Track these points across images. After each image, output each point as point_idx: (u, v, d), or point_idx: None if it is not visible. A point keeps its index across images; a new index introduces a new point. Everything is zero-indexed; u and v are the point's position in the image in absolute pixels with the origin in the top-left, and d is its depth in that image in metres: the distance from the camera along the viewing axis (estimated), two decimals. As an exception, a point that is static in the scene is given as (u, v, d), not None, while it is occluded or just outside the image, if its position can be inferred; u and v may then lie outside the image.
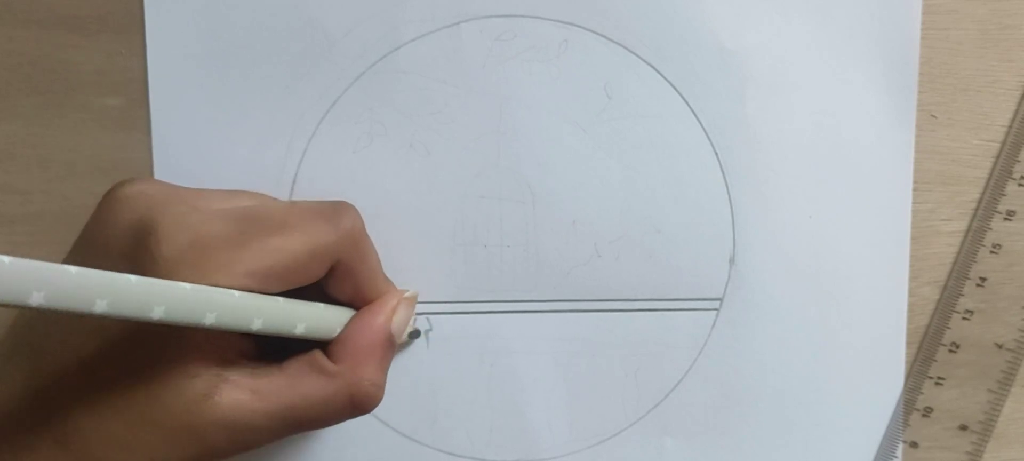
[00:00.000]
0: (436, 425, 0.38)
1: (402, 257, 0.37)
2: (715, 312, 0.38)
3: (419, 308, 0.38)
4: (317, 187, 0.37)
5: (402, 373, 0.38)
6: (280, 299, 0.30)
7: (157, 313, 0.25)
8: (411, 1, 0.37)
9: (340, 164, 0.37)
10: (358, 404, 0.31)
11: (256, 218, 0.30)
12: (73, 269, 0.24)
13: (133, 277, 0.25)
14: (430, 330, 0.38)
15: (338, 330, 0.32)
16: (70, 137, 0.37)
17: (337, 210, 0.32)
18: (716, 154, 0.38)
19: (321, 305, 0.32)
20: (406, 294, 0.35)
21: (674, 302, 0.38)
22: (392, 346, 0.33)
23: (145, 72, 0.37)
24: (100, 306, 0.24)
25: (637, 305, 0.38)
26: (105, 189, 0.37)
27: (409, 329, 0.37)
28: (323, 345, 0.32)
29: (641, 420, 0.39)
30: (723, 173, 0.38)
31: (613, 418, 0.39)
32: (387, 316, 0.33)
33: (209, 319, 0.27)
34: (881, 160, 0.38)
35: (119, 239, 0.29)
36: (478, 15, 0.37)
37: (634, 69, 0.37)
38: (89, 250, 0.30)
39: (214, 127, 0.37)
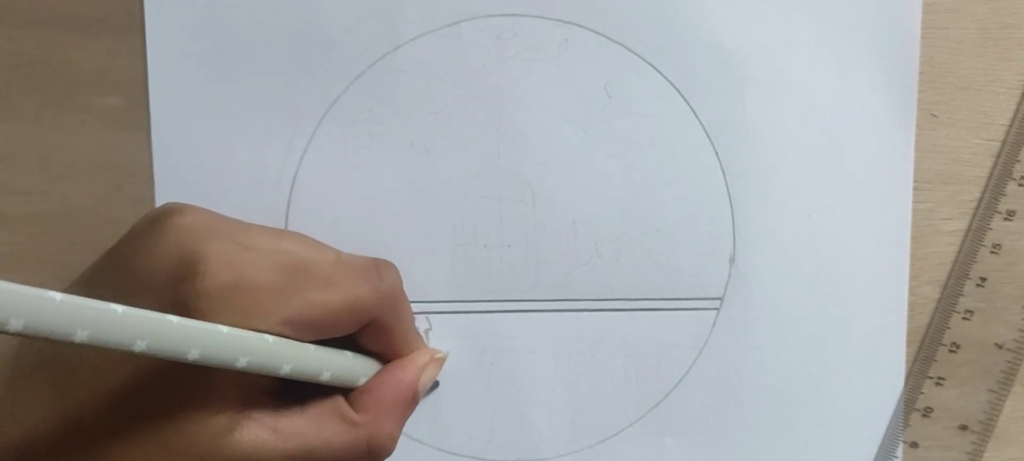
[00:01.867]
0: (436, 425, 0.38)
1: (402, 257, 0.37)
2: (715, 311, 0.38)
3: (419, 308, 0.38)
4: (317, 187, 0.37)
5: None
6: (310, 347, 0.30)
7: (193, 355, 0.26)
8: (411, 1, 0.37)
9: (340, 164, 0.37)
10: (374, 455, 0.32)
11: (301, 269, 0.30)
12: (119, 309, 0.24)
13: (175, 319, 0.26)
14: (430, 329, 0.38)
15: (362, 379, 0.33)
16: (70, 137, 0.37)
17: (379, 271, 0.32)
18: (716, 154, 0.38)
19: (349, 354, 0.32)
20: (437, 354, 0.36)
21: (674, 302, 0.38)
22: (415, 403, 0.34)
23: (145, 72, 0.37)
24: (140, 346, 0.25)
25: (637, 305, 0.38)
26: (105, 189, 0.37)
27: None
28: (345, 391, 0.32)
29: (641, 419, 0.39)
30: (723, 172, 0.38)
31: (613, 418, 0.39)
32: (416, 375, 0.34)
33: (241, 362, 0.27)
34: (881, 160, 0.38)
35: (163, 270, 0.29)
36: (478, 14, 0.37)
37: (634, 69, 0.37)
38: (128, 273, 0.30)
39: (214, 127, 0.37)
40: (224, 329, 0.27)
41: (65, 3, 0.37)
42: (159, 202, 0.37)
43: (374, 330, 0.32)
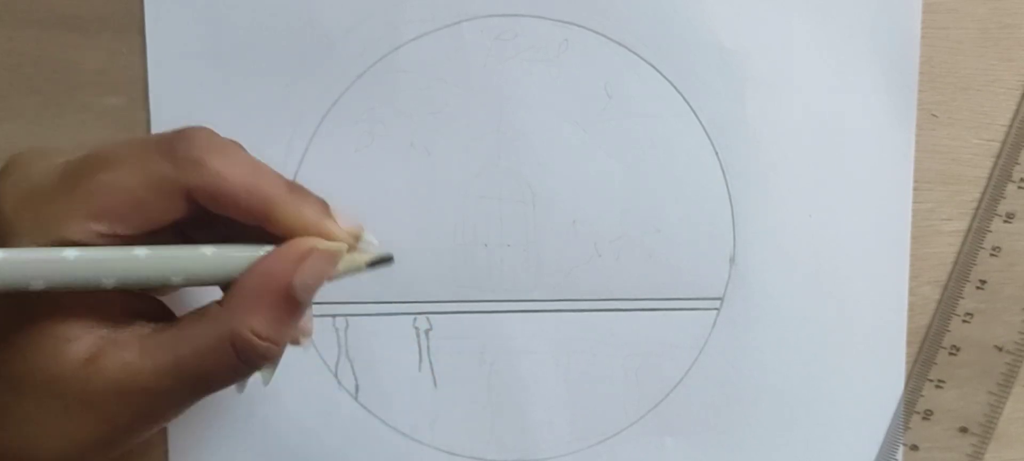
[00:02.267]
0: (436, 425, 0.38)
1: (402, 257, 0.37)
2: (715, 311, 0.38)
3: (419, 308, 0.38)
4: (318, 187, 0.37)
5: (402, 372, 0.38)
6: (139, 252, 0.27)
7: None
8: (411, 1, 0.37)
9: (340, 164, 0.37)
10: (242, 354, 0.28)
11: (87, 160, 0.27)
12: None
13: None
14: (430, 330, 0.38)
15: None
16: (70, 137, 0.37)
17: (178, 136, 0.28)
18: (716, 153, 0.38)
19: (209, 248, 0.28)
20: (323, 244, 0.29)
21: (674, 302, 0.38)
22: (291, 300, 0.28)
23: (145, 72, 0.37)
24: None
25: (637, 305, 0.38)
26: (105, 188, 0.37)
27: (371, 258, 0.31)
28: None
29: (641, 420, 0.39)
30: (723, 172, 0.38)
31: (613, 418, 0.39)
32: (289, 263, 0.28)
33: (38, 284, 0.26)
34: (881, 160, 0.38)
35: None
36: (478, 14, 0.37)
37: (634, 69, 0.37)
38: None
39: (214, 127, 0.37)
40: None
41: (65, 3, 0.37)
42: (159, 202, 0.37)
43: (211, 205, 0.28)
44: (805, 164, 0.38)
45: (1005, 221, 0.39)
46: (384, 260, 0.31)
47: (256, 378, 0.29)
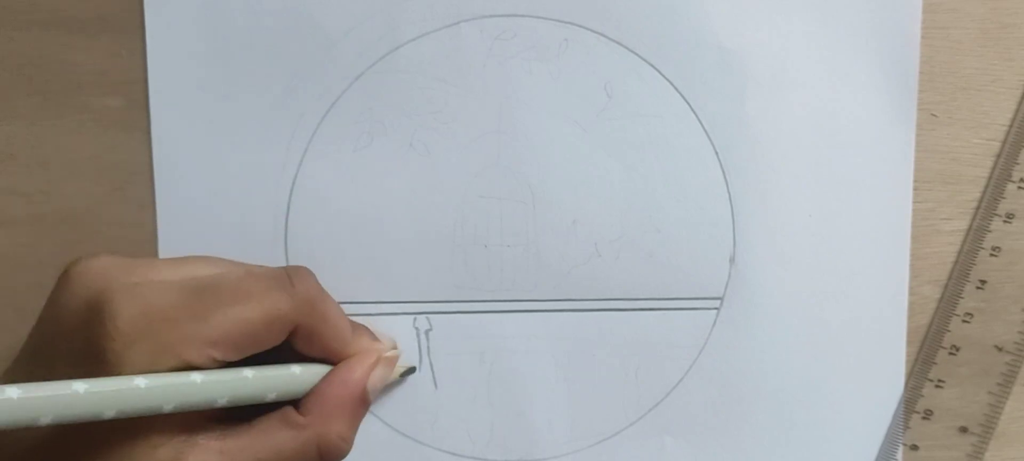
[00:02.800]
0: (436, 425, 0.38)
1: (402, 257, 0.38)
2: (715, 311, 0.38)
3: (419, 308, 0.38)
4: (317, 187, 0.37)
5: (402, 373, 0.38)
6: (247, 372, 0.30)
7: (109, 415, 0.26)
8: (411, 1, 0.37)
9: (340, 164, 0.37)
10: (325, 457, 0.32)
11: (212, 288, 0.30)
12: (13, 390, 0.24)
13: (81, 386, 0.25)
14: (430, 330, 0.38)
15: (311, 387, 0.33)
16: (70, 138, 0.37)
17: (292, 277, 0.32)
18: (716, 153, 0.38)
19: (296, 367, 0.32)
20: (386, 353, 0.35)
21: (674, 302, 0.38)
22: (365, 403, 0.34)
23: (145, 72, 0.37)
24: (46, 420, 0.25)
25: (637, 305, 0.38)
26: (106, 190, 0.37)
27: (401, 370, 0.37)
28: (296, 402, 0.32)
29: (641, 420, 0.39)
30: (723, 172, 0.38)
31: (613, 418, 0.39)
32: (362, 374, 0.34)
33: (168, 408, 0.27)
34: (881, 159, 0.38)
35: (73, 318, 0.29)
36: (478, 14, 0.37)
37: (634, 68, 0.37)
38: (47, 332, 0.30)
39: (214, 127, 0.37)
40: (141, 382, 0.27)
41: (65, 3, 0.37)
42: (159, 202, 0.37)
43: (303, 337, 0.32)
44: (805, 164, 0.38)
45: (1005, 221, 0.39)
46: (411, 370, 0.38)
47: None
